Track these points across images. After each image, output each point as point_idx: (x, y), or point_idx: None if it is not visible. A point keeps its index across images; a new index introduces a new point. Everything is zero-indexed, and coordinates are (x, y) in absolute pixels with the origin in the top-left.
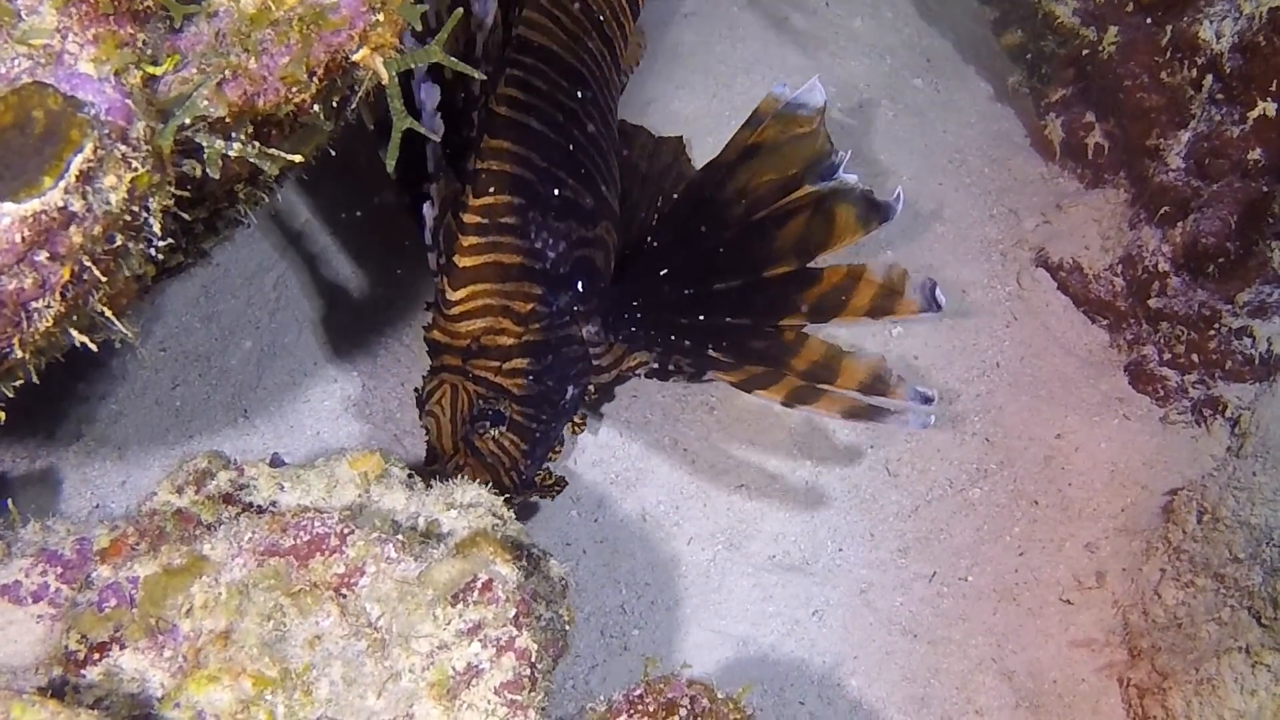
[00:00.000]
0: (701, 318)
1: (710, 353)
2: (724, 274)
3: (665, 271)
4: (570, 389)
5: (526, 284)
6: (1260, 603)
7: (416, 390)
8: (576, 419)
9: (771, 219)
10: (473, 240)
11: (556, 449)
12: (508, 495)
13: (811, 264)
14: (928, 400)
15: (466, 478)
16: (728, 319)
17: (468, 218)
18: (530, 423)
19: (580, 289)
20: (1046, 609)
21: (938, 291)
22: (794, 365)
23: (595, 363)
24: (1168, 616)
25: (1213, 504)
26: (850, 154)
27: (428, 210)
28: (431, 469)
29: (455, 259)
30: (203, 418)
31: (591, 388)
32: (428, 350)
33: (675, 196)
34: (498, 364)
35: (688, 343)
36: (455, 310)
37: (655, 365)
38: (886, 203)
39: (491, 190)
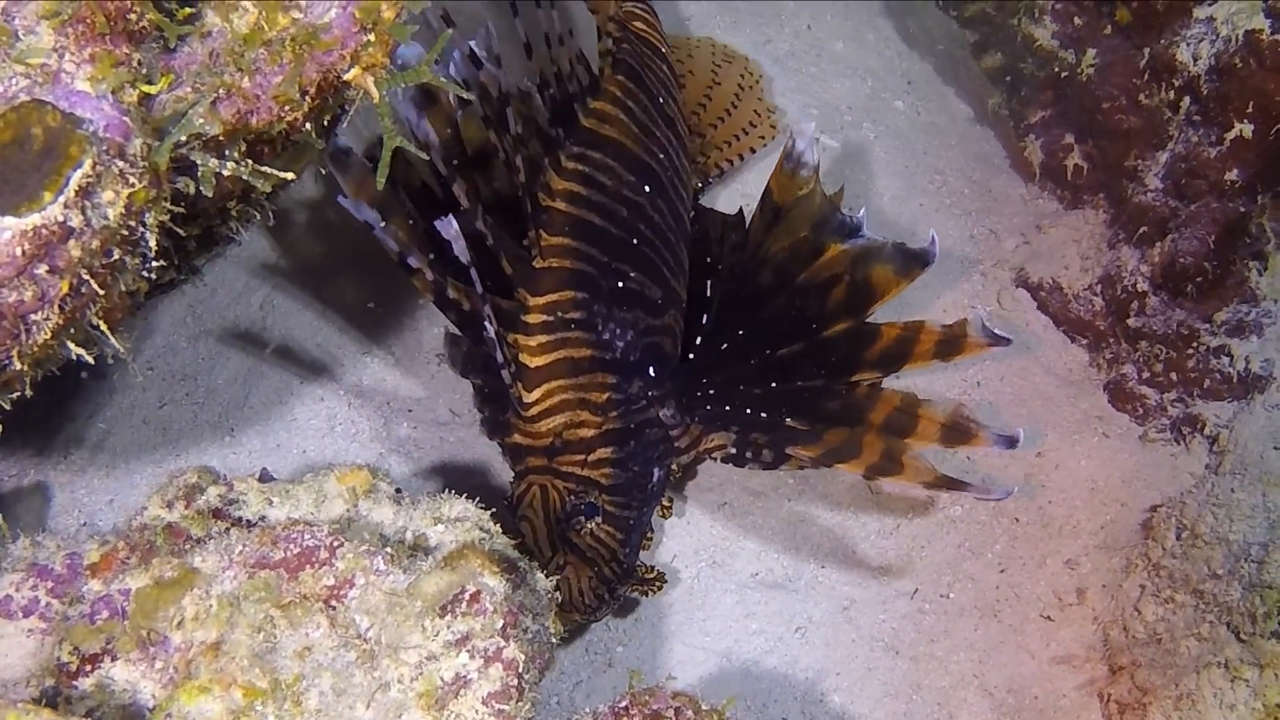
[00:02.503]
0: (773, 385)
1: (788, 422)
2: (782, 341)
3: (727, 346)
4: (656, 471)
5: (600, 374)
6: (1239, 618)
7: (505, 499)
8: (664, 501)
9: (813, 286)
10: (541, 339)
11: (648, 536)
12: (612, 590)
13: (867, 318)
14: (1013, 442)
15: (569, 578)
16: (799, 383)
17: (532, 318)
18: (622, 511)
19: (652, 374)
20: (1027, 625)
21: (997, 330)
22: (871, 420)
23: (675, 444)
24: (1147, 632)
25: (1192, 521)
26: (865, 211)
27: (489, 327)
28: None
29: (525, 360)
30: (190, 436)
31: (675, 466)
32: (509, 456)
33: (723, 270)
34: (583, 457)
35: (764, 415)
36: (533, 411)
37: (733, 450)
38: (923, 250)
39: (553, 288)
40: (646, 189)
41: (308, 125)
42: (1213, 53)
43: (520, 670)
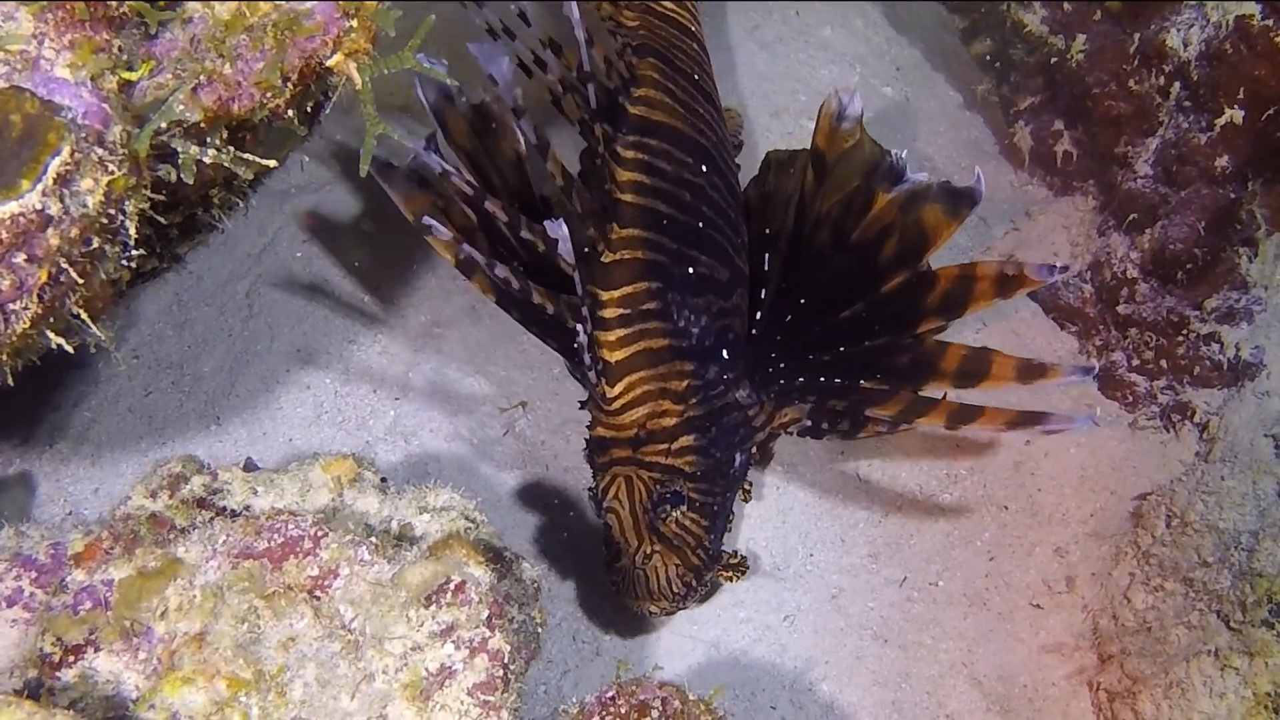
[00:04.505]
0: (841, 349)
1: (862, 384)
2: (844, 302)
3: (790, 317)
4: (737, 456)
5: (678, 363)
6: (1229, 606)
7: (590, 489)
8: (745, 485)
9: (867, 240)
10: (619, 333)
11: (729, 520)
12: (699, 576)
13: (922, 266)
14: (1089, 371)
15: (657, 567)
16: (866, 343)
17: (608, 313)
18: (706, 497)
19: (725, 357)
20: (1016, 614)
21: (1056, 267)
22: (945, 369)
23: (753, 424)
24: (1137, 621)
25: (1181, 508)
26: (907, 152)
27: (582, 330)
28: (618, 565)
29: (605, 355)
30: (175, 425)
31: (754, 449)
32: (592, 449)
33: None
34: (666, 446)
35: (837, 380)
36: (616, 404)
37: (809, 422)
38: (968, 187)
39: (626, 280)
40: (703, 168)
41: (290, 112)
42: (1203, 39)
43: (506, 661)
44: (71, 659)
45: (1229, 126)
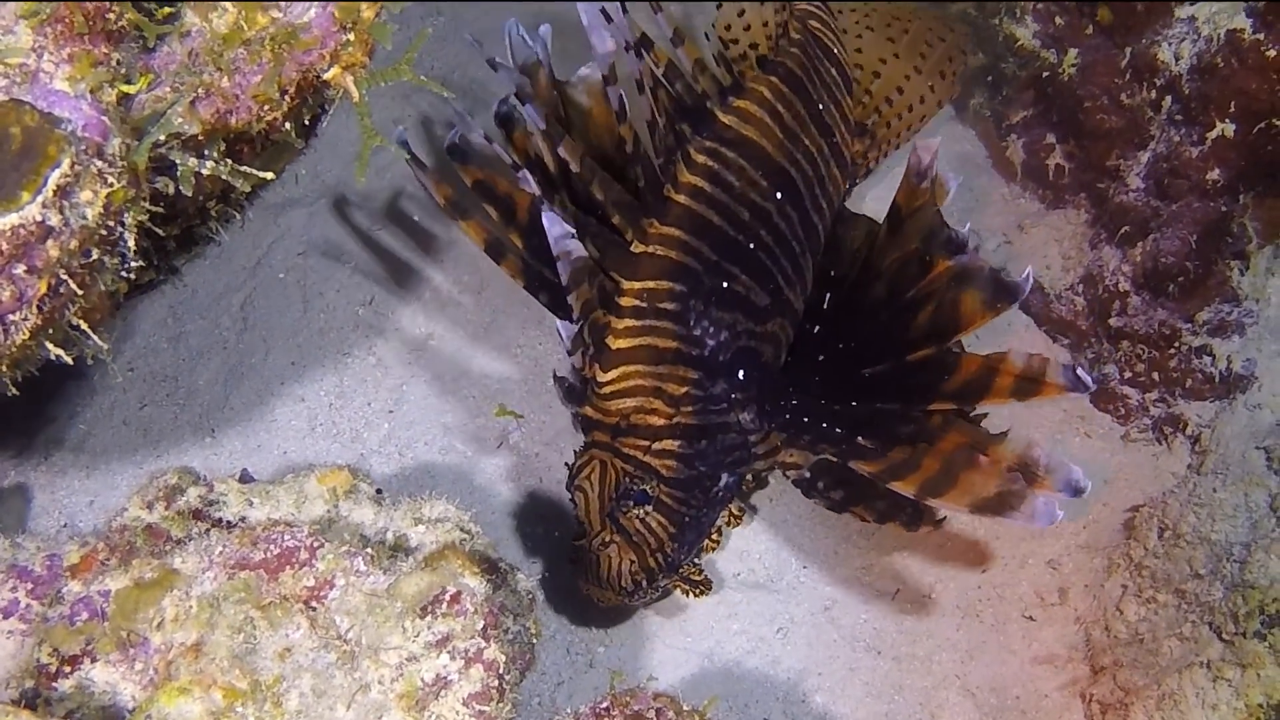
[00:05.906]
0: (853, 404)
1: (859, 440)
2: (873, 359)
3: (823, 358)
4: (724, 477)
5: (681, 368)
6: (1221, 618)
7: (569, 464)
8: (735, 510)
9: (909, 302)
10: (628, 323)
11: (715, 539)
12: (651, 579)
13: (950, 345)
14: (1079, 491)
15: (611, 556)
16: (877, 405)
17: (625, 301)
18: (679, 506)
19: (740, 377)
20: (1009, 625)
21: (1080, 372)
22: (941, 448)
23: (752, 450)
24: (1130, 632)
25: (1174, 520)
26: (969, 227)
27: (563, 327)
28: (579, 543)
29: (608, 341)
30: (170, 438)
31: (750, 476)
32: (580, 427)
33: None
34: (647, 443)
35: (838, 430)
36: (606, 390)
37: (807, 474)
38: (1015, 283)
39: (651, 275)
40: (778, 195)
41: (287, 124)
42: (1194, 52)
43: (501, 671)
44: (68, 669)
45: (1220, 140)
